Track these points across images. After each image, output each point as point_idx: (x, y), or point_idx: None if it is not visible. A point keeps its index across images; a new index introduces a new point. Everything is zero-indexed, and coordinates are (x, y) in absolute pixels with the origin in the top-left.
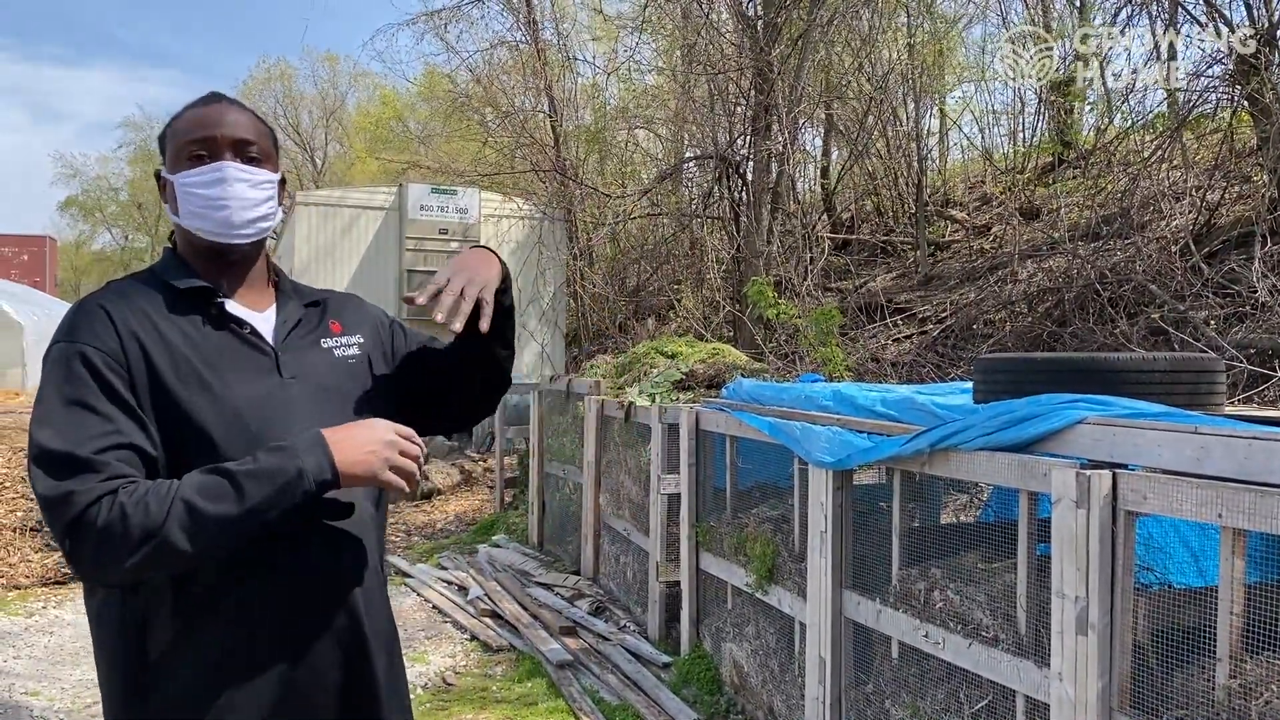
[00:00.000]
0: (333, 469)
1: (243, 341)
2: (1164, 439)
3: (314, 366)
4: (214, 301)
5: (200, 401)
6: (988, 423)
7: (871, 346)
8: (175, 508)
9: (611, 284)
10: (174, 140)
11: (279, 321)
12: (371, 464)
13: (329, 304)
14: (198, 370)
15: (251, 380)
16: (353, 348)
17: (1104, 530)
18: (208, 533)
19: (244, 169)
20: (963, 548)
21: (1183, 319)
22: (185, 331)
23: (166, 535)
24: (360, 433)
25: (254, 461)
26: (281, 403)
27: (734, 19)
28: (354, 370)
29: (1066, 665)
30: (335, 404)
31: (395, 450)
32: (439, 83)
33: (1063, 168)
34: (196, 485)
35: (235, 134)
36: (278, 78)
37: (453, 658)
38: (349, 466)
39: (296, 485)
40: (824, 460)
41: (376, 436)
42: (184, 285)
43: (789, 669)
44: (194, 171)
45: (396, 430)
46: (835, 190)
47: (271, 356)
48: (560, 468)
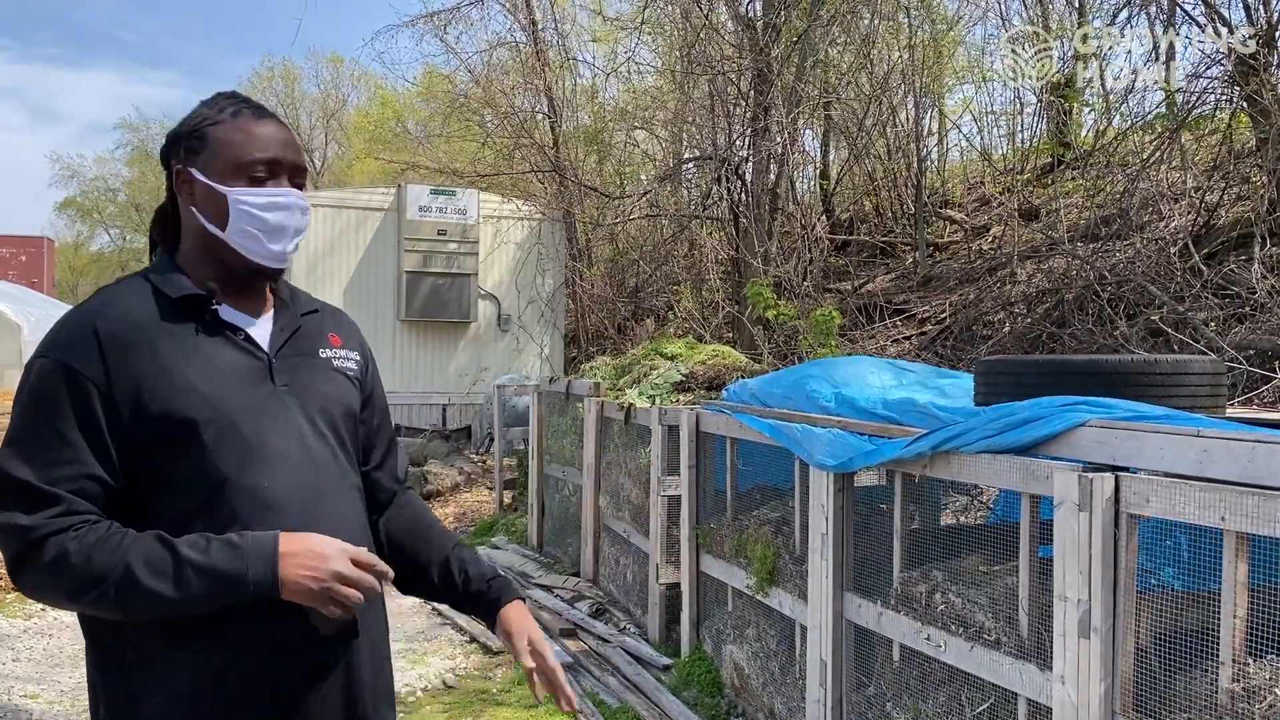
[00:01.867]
0: (275, 582)
1: (236, 349)
2: (1166, 442)
3: (309, 375)
4: (208, 309)
5: (194, 411)
6: (989, 425)
7: (871, 348)
8: (116, 570)
9: (611, 285)
10: (226, 150)
11: (275, 329)
12: (312, 591)
13: (326, 315)
14: (190, 379)
15: (245, 388)
16: (350, 362)
17: (1106, 533)
18: (139, 604)
19: (302, 198)
20: (964, 550)
21: (1182, 320)
22: (178, 340)
23: (103, 593)
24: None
25: (205, 551)
26: (275, 410)
27: (733, 20)
28: (351, 384)
29: (1069, 668)
30: (329, 413)
31: (339, 583)
32: (438, 83)
33: (1062, 168)
34: (144, 553)
35: (298, 159)
36: (280, 78)
37: (452, 660)
38: (292, 586)
39: (235, 586)
40: (825, 463)
41: (327, 565)
42: (177, 294)
43: (790, 671)
44: (258, 192)
45: (354, 557)
46: (834, 191)
47: (265, 363)
48: (560, 469)
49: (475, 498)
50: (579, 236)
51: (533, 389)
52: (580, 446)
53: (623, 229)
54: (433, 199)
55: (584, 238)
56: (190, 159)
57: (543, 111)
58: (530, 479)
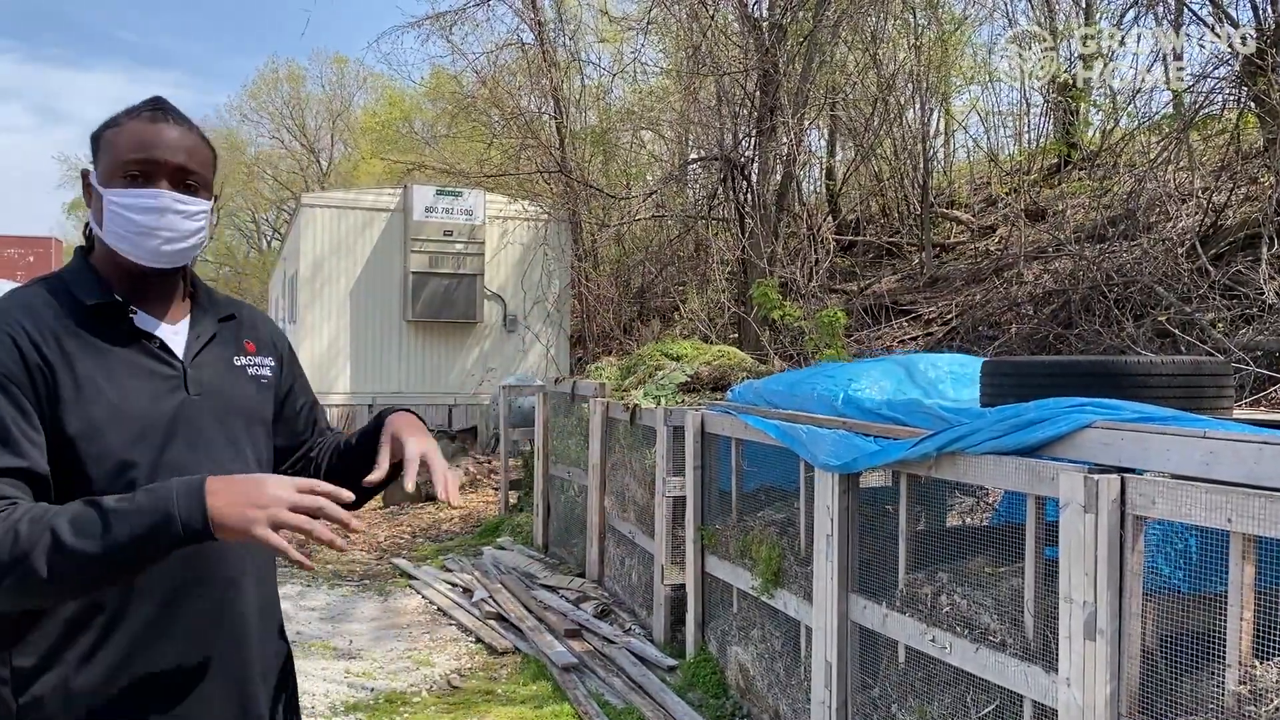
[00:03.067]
0: (204, 518)
1: (150, 356)
2: (1172, 443)
3: (223, 384)
4: (123, 317)
5: (105, 419)
6: (995, 426)
7: (877, 348)
8: (44, 537)
9: (616, 285)
10: (110, 150)
11: (191, 336)
12: (249, 518)
13: (243, 320)
14: (102, 388)
15: (157, 396)
16: (265, 369)
17: (1112, 535)
18: (68, 566)
19: (181, 200)
20: (970, 552)
21: (1189, 321)
22: (91, 348)
23: (31, 563)
24: (246, 486)
25: (129, 500)
26: (187, 419)
27: (740, 20)
28: (265, 391)
29: (1075, 670)
30: (242, 423)
31: (284, 506)
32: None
33: (1069, 169)
34: (69, 515)
35: (177, 160)
36: (285, 79)
37: (458, 660)
38: (222, 518)
39: (164, 528)
40: (830, 464)
41: (264, 492)
42: (92, 301)
43: (795, 672)
44: (128, 193)
45: (297, 485)
46: (840, 191)
47: (179, 371)
48: (565, 470)
49: (481, 498)
50: (585, 237)
51: (538, 390)
52: (585, 447)
53: (629, 230)
54: (439, 200)
55: (590, 238)
56: (93, 162)
57: (549, 112)
58: (536, 480)
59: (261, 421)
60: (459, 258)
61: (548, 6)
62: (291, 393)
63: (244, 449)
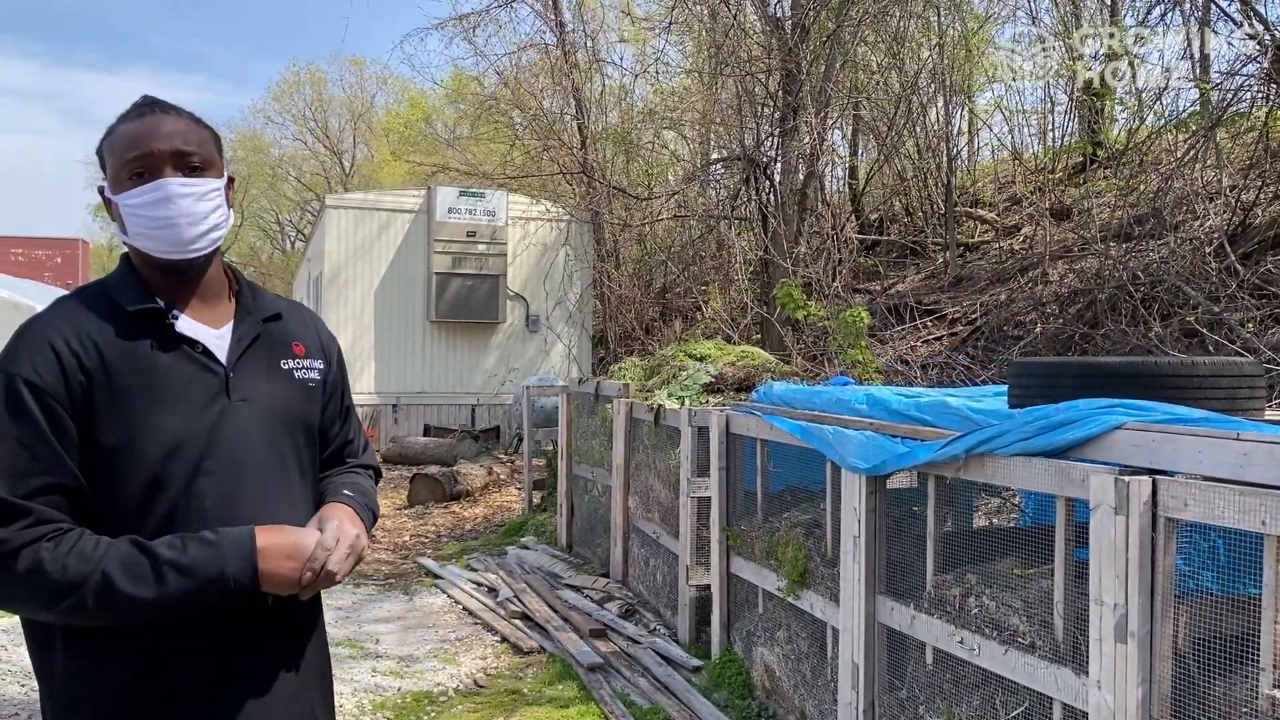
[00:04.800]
0: (255, 578)
1: (192, 362)
2: (1204, 445)
3: (268, 388)
4: (164, 323)
5: (140, 432)
6: (1024, 428)
7: (901, 348)
8: (94, 577)
9: (638, 286)
10: (111, 157)
11: (234, 340)
12: (292, 579)
13: (291, 320)
14: (139, 398)
15: (197, 404)
16: (314, 371)
17: (1144, 537)
18: (118, 609)
19: (187, 183)
20: (998, 553)
21: (1217, 321)
22: (132, 357)
23: (79, 600)
24: (291, 542)
25: (181, 550)
26: (226, 427)
27: (762, 20)
28: (313, 394)
29: (1105, 673)
30: (285, 428)
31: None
32: (467, 85)
33: (1094, 168)
34: (120, 558)
35: (173, 145)
36: (307, 82)
37: (484, 659)
38: (271, 577)
39: (216, 586)
40: (858, 465)
41: (304, 548)
42: (134, 308)
43: (821, 674)
44: (135, 192)
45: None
46: (864, 191)
47: (221, 377)
48: (589, 470)
49: (504, 498)
50: (607, 237)
51: (561, 390)
52: (609, 447)
53: (650, 230)
54: (461, 201)
55: (612, 238)
56: (103, 176)
57: (571, 113)
58: (559, 479)
59: (305, 426)
60: (481, 258)
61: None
62: (330, 402)
63: (286, 456)
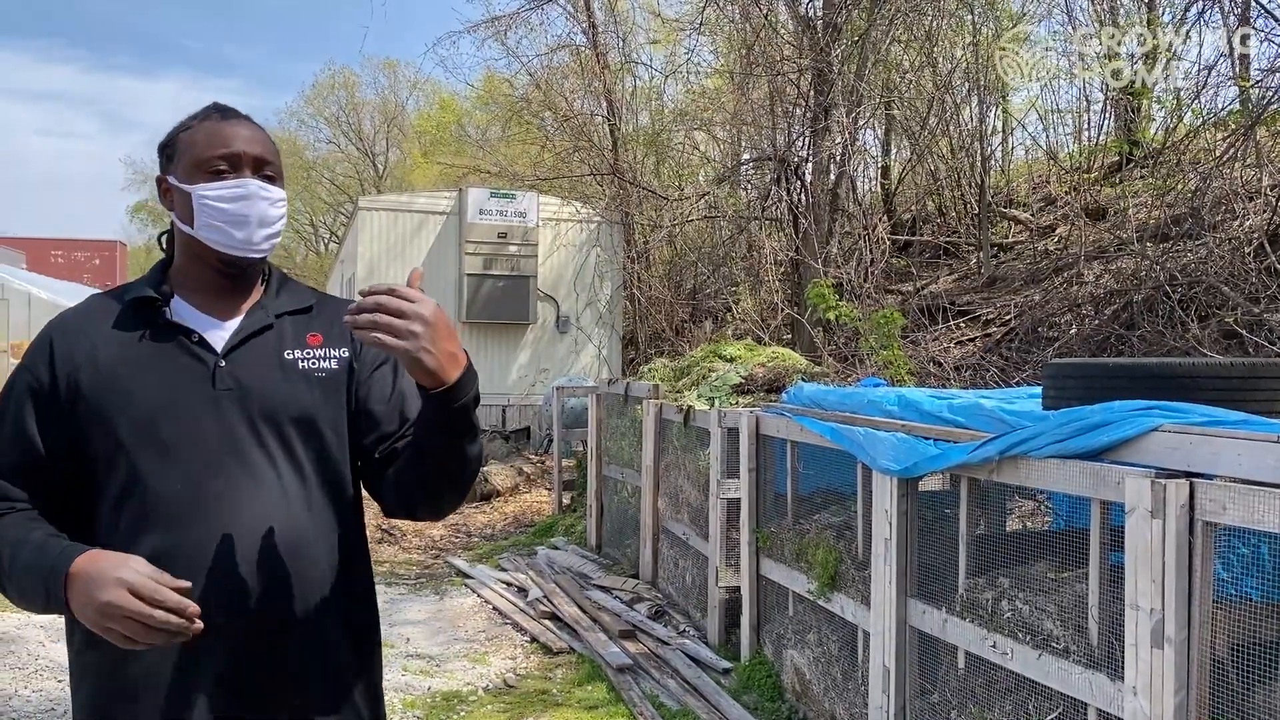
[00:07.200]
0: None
1: (183, 351)
2: (1243, 448)
3: (262, 379)
4: (158, 310)
5: (116, 412)
6: (1058, 430)
7: (934, 349)
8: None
9: (669, 287)
10: (190, 151)
11: (235, 330)
12: (91, 621)
13: (320, 312)
14: (120, 382)
15: (176, 389)
16: (330, 361)
17: (1180, 541)
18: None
19: (265, 187)
20: (1031, 556)
21: (1257, 322)
22: (120, 340)
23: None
24: (96, 582)
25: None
26: (202, 414)
27: (793, 20)
28: (324, 385)
29: (1141, 679)
30: (279, 422)
31: (115, 614)
32: (499, 87)
33: (1130, 167)
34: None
35: (256, 151)
36: (341, 85)
37: (513, 659)
38: (78, 614)
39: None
40: (890, 468)
41: (99, 596)
42: (131, 298)
43: (852, 677)
44: (216, 185)
45: (136, 588)
46: (896, 191)
47: (209, 366)
48: (619, 470)
49: (534, 498)
50: (637, 238)
51: (591, 391)
52: (639, 448)
53: (681, 230)
54: (493, 202)
55: (642, 239)
56: (168, 167)
57: (602, 114)
58: (589, 480)
59: (310, 420)
60: (513, 259)
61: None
62: (372, 387)
63: (273, 450)
